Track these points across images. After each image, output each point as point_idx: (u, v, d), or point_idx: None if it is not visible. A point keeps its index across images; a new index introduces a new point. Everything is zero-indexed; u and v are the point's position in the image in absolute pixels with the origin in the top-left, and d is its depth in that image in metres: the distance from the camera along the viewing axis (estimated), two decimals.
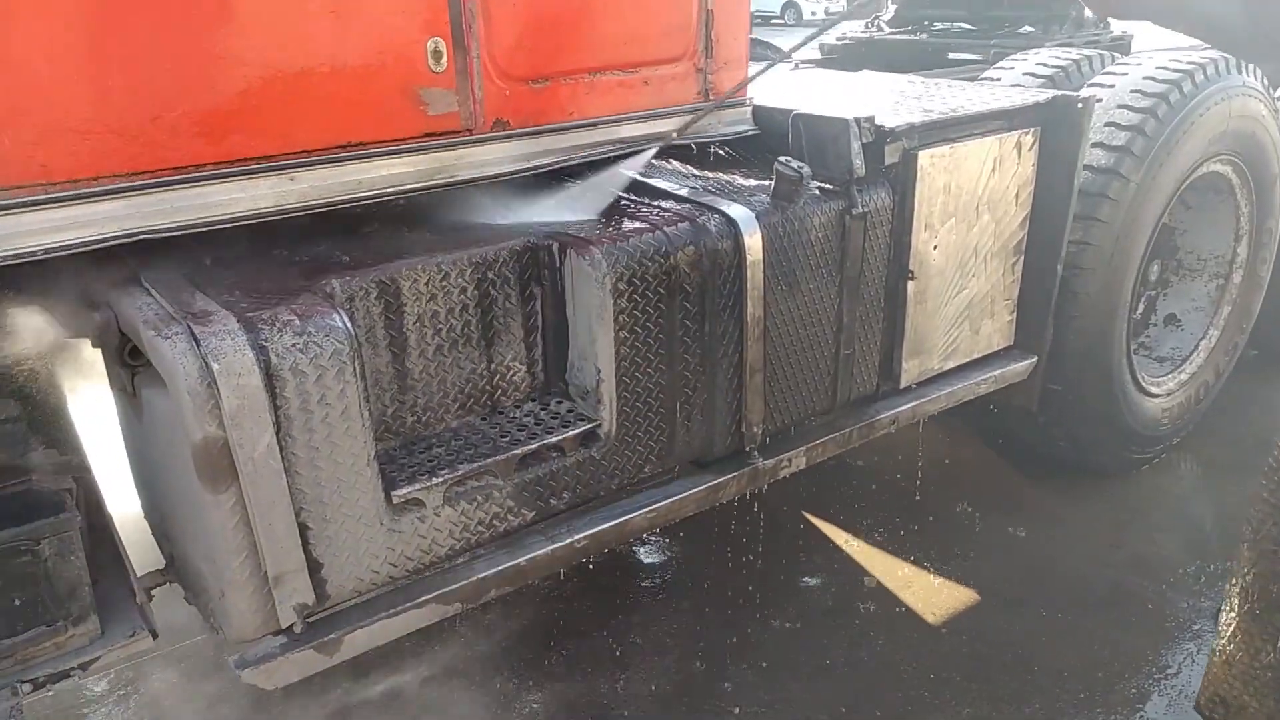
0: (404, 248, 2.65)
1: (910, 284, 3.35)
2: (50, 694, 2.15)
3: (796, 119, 3.22)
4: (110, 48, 2.11)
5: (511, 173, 2.82)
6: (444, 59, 2.58)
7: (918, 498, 4.44)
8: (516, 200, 2.96)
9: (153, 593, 2.55)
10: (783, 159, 2.99)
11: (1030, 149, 3.58)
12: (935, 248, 3.39)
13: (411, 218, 2.82)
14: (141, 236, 2.25)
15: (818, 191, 3.09)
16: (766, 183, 3.14)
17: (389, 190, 2.60)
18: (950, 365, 3.69)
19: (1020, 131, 3.52)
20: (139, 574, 2.44)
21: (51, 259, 2.16)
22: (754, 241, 2.88)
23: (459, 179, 2.73)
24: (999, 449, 4.85)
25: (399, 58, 2.52)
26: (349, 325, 2.26)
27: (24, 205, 2.09)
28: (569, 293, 2.76)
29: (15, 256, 2.10)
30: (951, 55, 5.99)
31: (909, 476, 4.58)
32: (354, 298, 2.46)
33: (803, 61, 5.25)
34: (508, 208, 2.94)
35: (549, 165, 2.90)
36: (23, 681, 2.08)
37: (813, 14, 28.07)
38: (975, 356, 3.77)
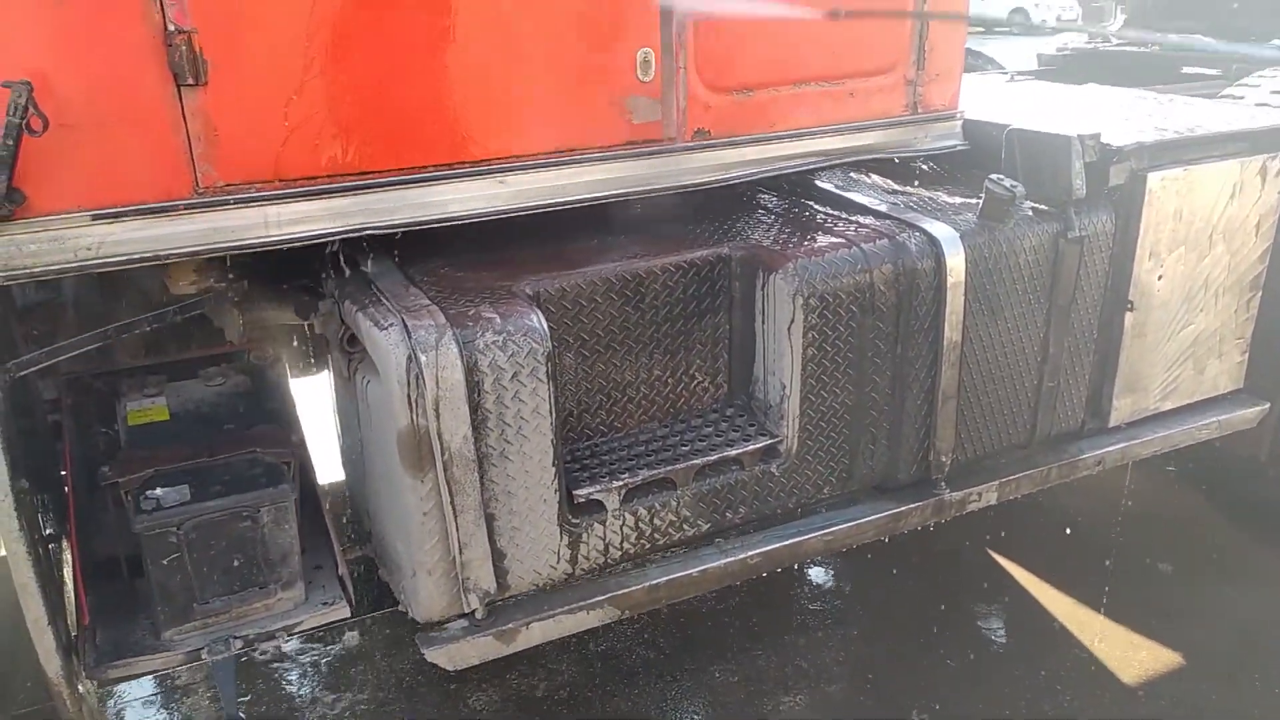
0: (600, 252, 2.71)
1: (1129, 315, 3.11)
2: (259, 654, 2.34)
3: (1012, 134, 3.06)
4: (345, 60, 2.27)
5: (711, 182, 2.82)
6: (652, 69, 2.62)
7: (1119, 547, 4.12)
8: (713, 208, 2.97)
9: (352, 564, 2.72)
10: (994, 176, 2.85)
11: (1276, 175, 3.24)
12: (1160, 278, 3.13)
13: (610, 222, 2.87)
14: (367, 231, 2.40)
15: (1030, 212, 2.93)
16: (974, 201, 3.01)
17: (591, 196, 2.66)
18: (1168, 406, 3.40)
19: (1266, 156, 3.20)
20: (340, 547, 2.61)
21: (286, 248, 2.35)
22: (956, 262, 2.76)
23: (659, 187, 2.75)
24: (1217, 501, 4.42)
25: (609, 67, 2.57)
26: (544, 326, 2.33)
27: (267, 199, 2.28)
28: (759, 305, 2.74)
29: (258, 245, 2.29)
30: (1186, 70, 5.52)
31: (1110, 522, 4.25)
32: (550, 299, 2.53)
33: (1019, 73, 4.98)
34: (704, 216, 2.96)
35: (748, 176, 2.88)
36: (235, 637, 2.27)
37: (1043, 20, 26.52)
38: (1197, 398, 3.46)
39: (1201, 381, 3.43)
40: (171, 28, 2.08)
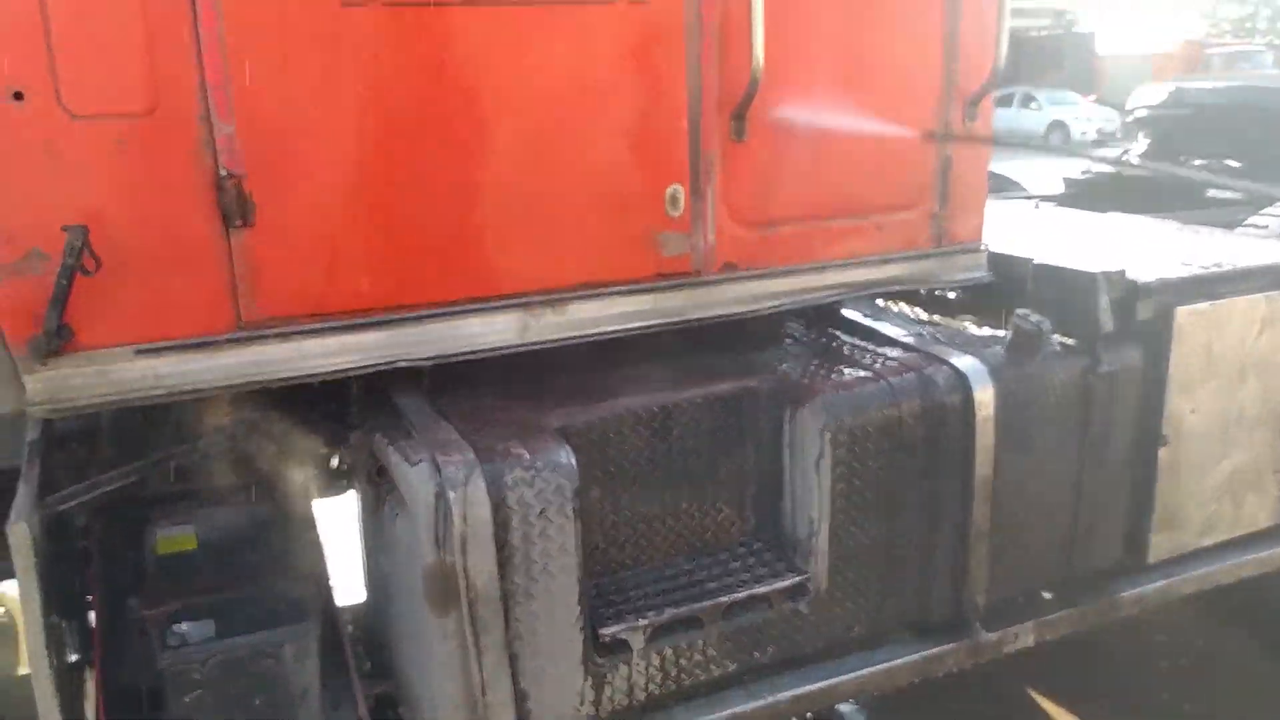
0: (627, 384, 2.73)
1: (1163, 451, 3.07)
2: None
3: (1038, 269, 3.09)
4: (384, 200, 2.35)
5: (738, 314, 2.86)
6: (681, 204, 2.68)
7: (1166, 693, 3.95)
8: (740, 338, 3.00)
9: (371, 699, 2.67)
10: (1021, 312, 2.87)
11: None
12: (1193, 412, 3.10)
13: (638, 352, 2.90)
14: (400, 364, 2.44)
15: (1059, 347, 2.93)
16: (1001, 333, 3.02)
17: (620, 328, 2.70)
18: (1208, 542, 3.32)
19: None
20: (360, 684, 2.56)
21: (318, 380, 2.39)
22: (985, 397, 2.76)
23: (688, 319, 2.79)
24: (1268, 641, 4.25)
25: (640, 203, 2.64)
26: (573, 462, 2.33)
27: (305, 333, 2.34)
28: (787, 439, 2.74)
29: (295, 378, 2.34)
30: (1211, 194, 5.58)
31: (1158, 662, 4.09)
32: (578, 432, 2.53)
33: (1043, 198, 5.05)
34: (731, 345, 2.98)
35: (776, 308, 2.92)
36: None
37: (1082, 134, 26.78)
38: (1237, 534, 3.38)
39: (1240, 517, 3.36)
40: (223, 172, 2.17)
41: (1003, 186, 5.26)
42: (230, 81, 2.14)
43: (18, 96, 2.02)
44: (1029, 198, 4.88)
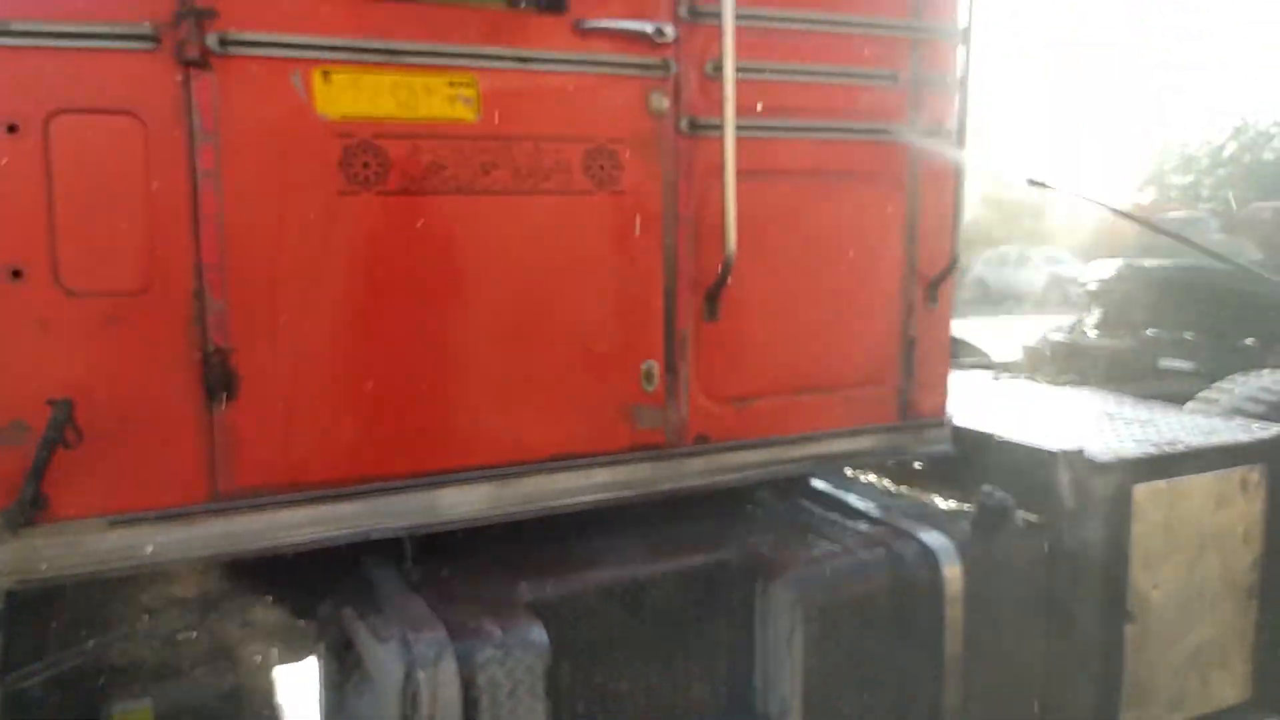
0: (600, 556, 2.74)
1: (1129, 627, 3.10)
2: None
3: (1000, 446, 3.19)
4: (367, 374, 2.42)
5: (710, 485, 2.90)
6: (656, 380, 2.77)
7: None
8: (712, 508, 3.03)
9: None
10: (986, 488, 2.95)
11: (1257, 486, 3.35)
12: (1156, 588, 3.15)
13: (611, 522, 2.92)
14: (373, 535, 2.45)
15: (1023, 524, 2.99)
16: (967, 507, 3.08)
17: (594, 499, 2.73)
18: (1178, 718, 3.31)
19: (1244, 468, 3.32)
20: None
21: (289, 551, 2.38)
22: (953, 573, 2.80)
23: (660, 490, 2.83)
24: None
25: (616, 378, 2.73)
26: (544, 640, 2.32)
27: (281, 504, 2.35)
28: (759, 613, 2.74)
29: (269, 550, 2.34)
30: (1162, 364, 5.81)
31: None
32: (549, 606, 2.52)
33: (1003, 366, 5.23)
34: (703, 516, 3.01)
35: (747, 479, 2.97)
36: None
37: (1082, 288, 26.24)
38: (1207, 711, 3.37)
39: (1208, 693, 3.36)
40: (211, 347, 2.23)
41: (962, 353, 5.44)
42: (226, 261, 2.23)
43: (16, 274, 2.09)
44: (989, 366, 5.05)
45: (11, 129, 2.06)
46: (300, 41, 2.25)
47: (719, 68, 2.56)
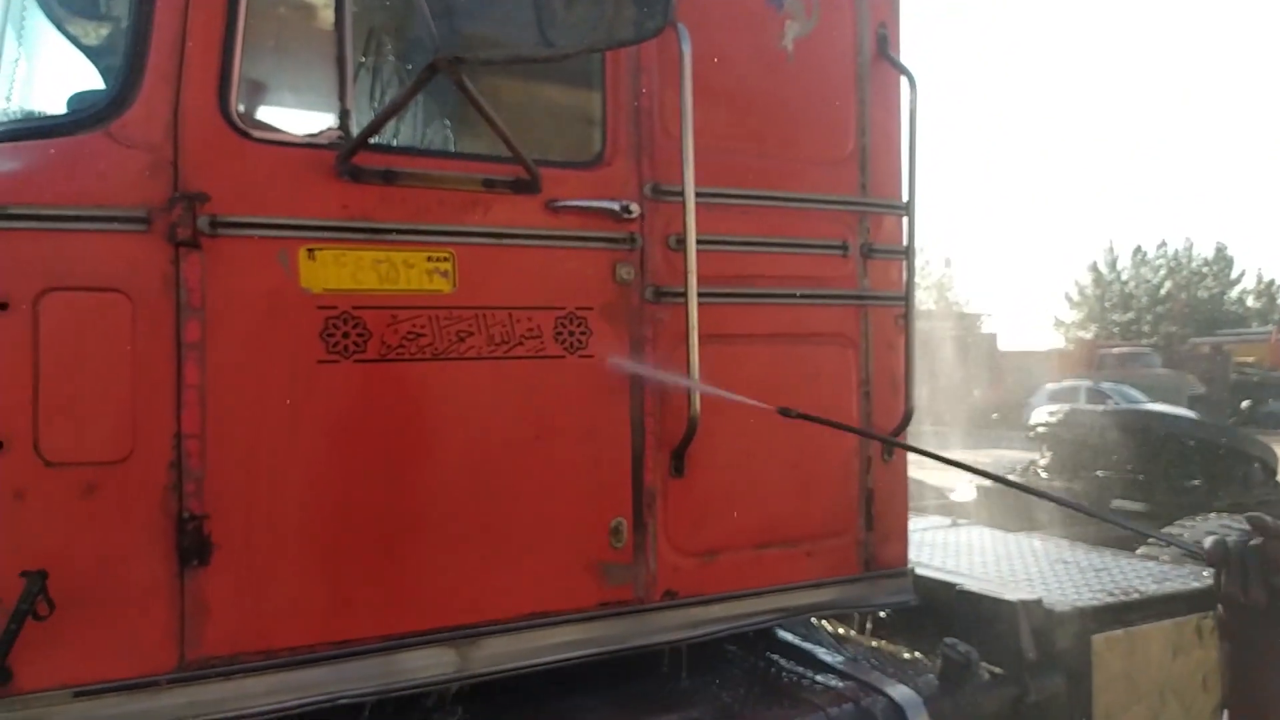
0: (572, 716, 2.73)
1: None
2: None
3: (961, 596, 3.25)
4: (336, 540, 2.45)
5: (679, 640, 2.92)
6: (624, 536, 2.83)
7: None
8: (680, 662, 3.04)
9: None
10: (949, 641, 2.99)
11: (1211, 633, 3.43)
12: None
13: (581, 679, 2.91)
14: (341, 700, 2.43)
15: (987, 676, 3.03)
16: (931, 658, 3.12)
17: (563, 656, 2.74)
18: None
19: (1199, 616, 3.41)
20: None
21: None
22: None
23: (629, 646, 2.85)
24: None
25: (585, 536, 2.78)
26: None
27: (247, 670, 2.34)
28: None
29: (234, 718, 2.30)
30: (1115, 504, 5.97)
31: None
32: None
33: (960, 513, 5.34)
34: (671, 670, 3.02)
35: (715, 633, 2.99)
36: None
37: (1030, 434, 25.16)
38: None
39: None
40: (186, 515, 2.26)
41: (924, 493, 5.56)
42: (206, 430, 2.29)
43: None
44: (947, 508, 5.16)
45: (2, 307, 2.14)
46: (287, 222, 2.38)
47: (681, 240, 2.74)
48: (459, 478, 2.60)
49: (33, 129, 2.31)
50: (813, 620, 3.52)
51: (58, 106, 2.52)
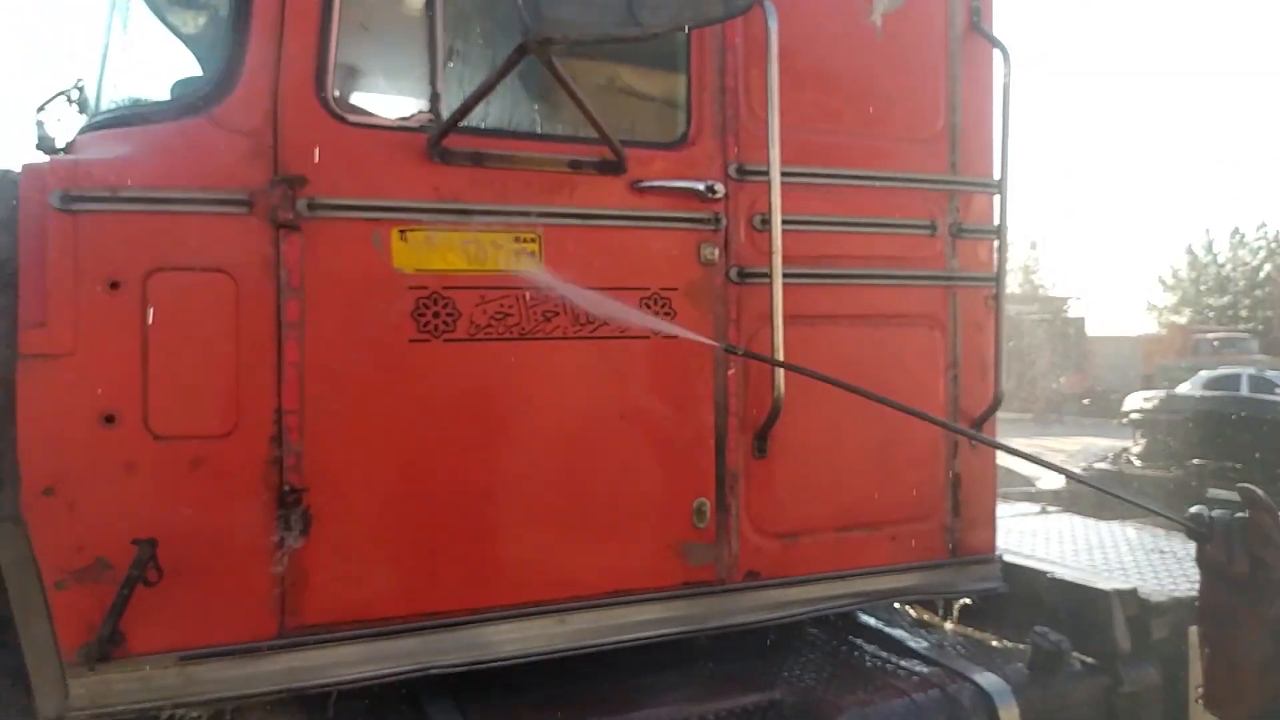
0: (653, 694, 2.74)
1: None
2: None
3: (1052, 584, 3.18)
4: (430, 514, 2.52)
5: (761, 622, 2.92)
6: (706, 517, 2.83)
7: None
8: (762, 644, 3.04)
9: None
10: (1039, 629, 2.93)
11: None
12: None
13: (663, 658, 2.93)
14: (432, 670, 2.49)
15: (1079, 665, 2.96)
16: (1020, 647, 3.05)
17: (646, 635, 2.76)
18: None
19: None
20: None
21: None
22: (1010, 716, 2.76)
23: (711, 626, 2.86)
24: None
25: (668, 516, 2.80)
26: None
27: (344, 639, 2.42)
28: None
29: (332, 685, 2.40)
30: (1211, 493, 5.75)
31: None
32: None
33: (1049, 504, 5.20)
34: (753, 651, 3.02)
35: (797, 616, 2.99)
36: None
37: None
38: None
39: None
40: (287, 488, 2.34)
41: (1011, 480, 5.44)
42: (305, 407, 2.37)
43: (109, 420, 2.23)
44: (1035, 496, 5.04)
45: (113, 285, 2.23)
46: (380, 205, 2.44)
47: (766, 221, 2.72)
48: (545, 456, 2.64)
49: (139, 115, 2.41)
50: (896, 605, 3.48)
51: (162, 94, 2.62)
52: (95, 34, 2.99)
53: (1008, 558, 3.35)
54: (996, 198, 3.21)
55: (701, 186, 2.76)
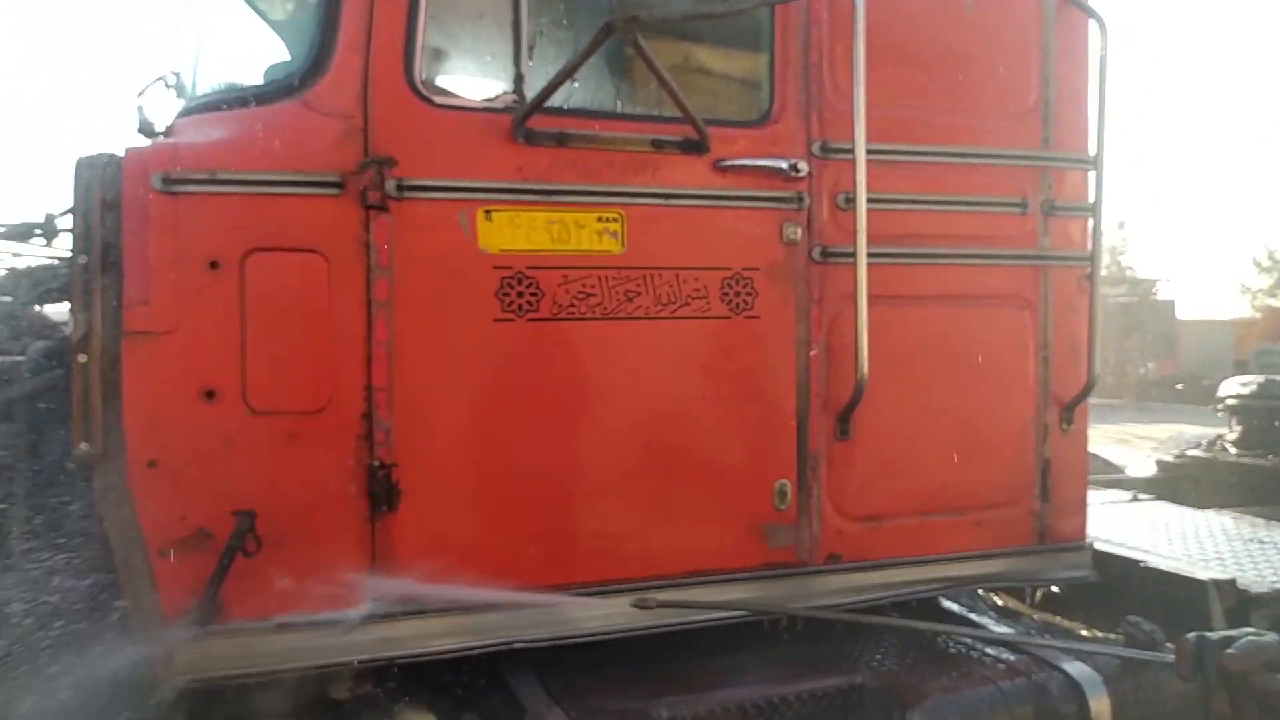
0: (732, 673, 2.74)
1: None
2: None
3: (1145, 573, 3.08)
4: (514, 494, 2.55)
5: (841, 605, 2.89)
6: (788, 498, 2.81)
7: None
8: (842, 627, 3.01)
9: None
10: (1132, 619, 2.84)
11: None
12: None
13: (742, 638, 2.93)
14: (516, 645, 2.53)
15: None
16: (1110, 636, 2.97)
17: (727, 616, 2.76)
18: None
19: None
20: None
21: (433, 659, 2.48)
22: (1100, 707, 2.69)
23: (792, 608, 2.84)
24: None
25: (749, 497, 2.79)
26: None
27: (430, 613, 2.46)
28: None
29: (419, 656, 2.46)
30: None
31: None
32: None
33: (1140, 484, 5.05)
34: (833, 634, 2.99)
35: (878, 599, 2.95)
36: None
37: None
38: None
39: None
40: (376, 463, 2.40)
41: (1100, 468, 5.28)
42: (393, 384, 2.41)
43: (209, 395, 2.30)
44: (1126, 485, 4.88)
45: (213, 265, 2.30)
46: (467, 185, 2.46)
47: (850, 199, 2.68)
48: (627, 435, 2.65)
49: (234, 99, 2.47)
50: (979, 592, 3.42)
51: (255, 79, 2.68)
52: (189, 21, 3.08)
53: (1098, 545, 3.26)
54: (1091, 174, 3.10)
55: (785, 165, 2.73)
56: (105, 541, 2.35)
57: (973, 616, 3.18)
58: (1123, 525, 3.74)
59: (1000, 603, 3.37)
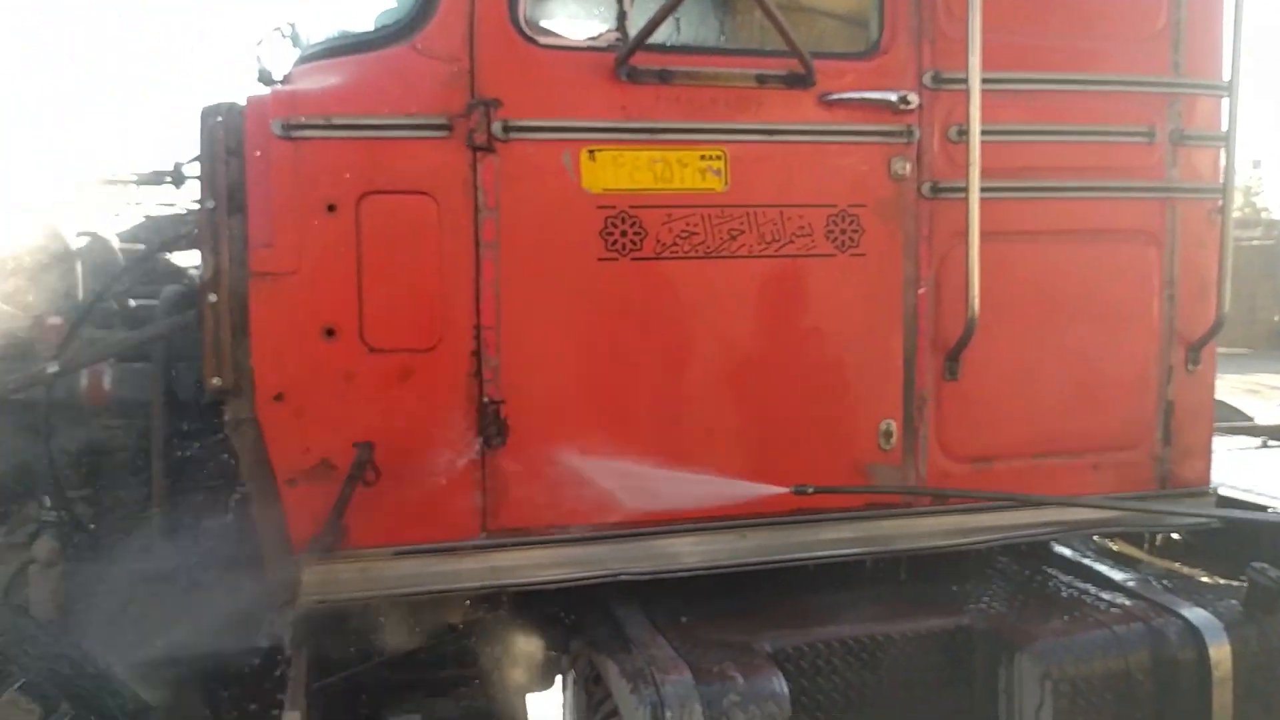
0: (836, 611, 2.76)
1: None
2: None
3: (1273, 519, 2.94)
4: (619, 429, 2.59)
5: (947, 546, 2.86)
6: (893, 438, 2.78)
7: None
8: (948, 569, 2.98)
9: None
10: (1257, 565, 2.73)
11: None
12: None
13: (846, 578, 2.93)
14: (622, 577, 2.60)
15: None
16: (1233, 584, 2.86)
17: (829, 554, 2.77)
18: None
19: None
20: None
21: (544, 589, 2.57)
22: (1221, 655, 2.60)
23: (896, 549, 2.83)
24: None
25: (854, 436, 2.77)
26: (785, 690, 2.37)
27: (540, 543, 2.55)
28: (1003, 684, 2.66)
29: (530, 585, 2.56)
30: None
31: None
32: (788, 657, 2.56)
33: (1271, 439, 4.78)
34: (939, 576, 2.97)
35: (986, 542, 2.91)
36: None
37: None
38: None
39: None
40: (486, 399, 2.47)
41: (1226, 415, 5.03)
42: (501, 323, 2.48)
43: (330, 333, 2.41)
44: (1255, 431, 4.64)
45: (331, 208, 2.39)
46: (571, 125, 2.48)
47: (963, 132, 2.59)
48: (731, 374, 2.65)
49: (348, 45, 2.54)
50: (1094, 537, 3.33)
51: (367, 26, 2.74)
52: None
53: (1223, 491, 3.12)
54: (1225, 101, 2.91)
55: (894, 98, 2.65)
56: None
57: (1088, 562, 3.09)
58: (1250, 472, 3.57)
59: (1115, 548, 3.27)
